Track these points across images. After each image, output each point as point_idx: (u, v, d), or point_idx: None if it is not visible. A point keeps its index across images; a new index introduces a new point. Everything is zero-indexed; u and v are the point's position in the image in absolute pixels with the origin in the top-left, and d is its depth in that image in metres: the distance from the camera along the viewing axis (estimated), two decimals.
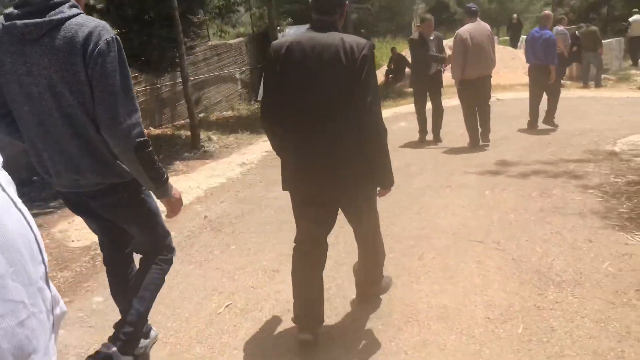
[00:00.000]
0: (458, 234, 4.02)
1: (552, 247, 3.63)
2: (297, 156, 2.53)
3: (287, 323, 2.89)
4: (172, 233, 2.67)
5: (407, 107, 11.03)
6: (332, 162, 2.46)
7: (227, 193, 5.57)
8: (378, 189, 2.66)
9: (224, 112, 10.79)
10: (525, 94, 12.33)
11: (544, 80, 7.85)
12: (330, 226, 2.74)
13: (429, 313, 2.90)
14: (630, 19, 17.88)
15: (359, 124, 2.40)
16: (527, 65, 8.32)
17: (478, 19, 7.14)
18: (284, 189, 2.69)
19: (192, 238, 4.37)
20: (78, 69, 1.95)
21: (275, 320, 3.01)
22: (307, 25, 2.56)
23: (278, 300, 3.20)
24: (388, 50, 17.09)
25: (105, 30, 1.97)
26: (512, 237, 3.88)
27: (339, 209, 2.73)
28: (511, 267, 3.38)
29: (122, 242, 2.52)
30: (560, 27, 13.29)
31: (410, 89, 9.07)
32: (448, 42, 10.26)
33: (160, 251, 2.47)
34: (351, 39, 2.41)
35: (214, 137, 8.72)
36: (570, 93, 12.35)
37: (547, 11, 8.96)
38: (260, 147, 7.90)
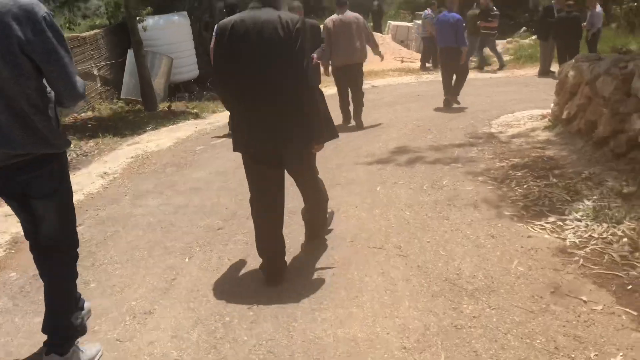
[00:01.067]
0: (356, 240, 3.63)
1: (455, 248, 3.37)
2: (248, 119, 2.93)
3: None
4: (12, 274, 2.05)
5: None
6: (278, 122, 2.88)
7: (86, 213, 4.70)
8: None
9: (82, 114, 9.53)
10: (398, 80, 12.65)
11: (455, 61, 8.19)
12: (279, 186, 3.13)
13: (338, 350, 2.45)
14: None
15: (298, 88, 2.83)
16: (396, 50, 8.45)
17: (347, 9, 7.23)
18: (235, 150, 3.10)
19: (39, 279, 3.52)
20: (12, 41, 2.02)
21: None
22: (170, 14, 2.96)
23: (154, 356, 2.56)
24: None
25: (40, 7, 2.09)
26: (413, 238, 3.58)
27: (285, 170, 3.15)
28: (419, 277, 3.04)
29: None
30: (428, 12, 13.66)
31: None
32: None
33: (70, 247, 2.49)
34: (286, 15, 2.84)
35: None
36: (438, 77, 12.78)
37: None
38: (125, 152, 6.99)
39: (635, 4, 15.80)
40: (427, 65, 13.89)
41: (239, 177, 5.39)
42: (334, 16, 7.27)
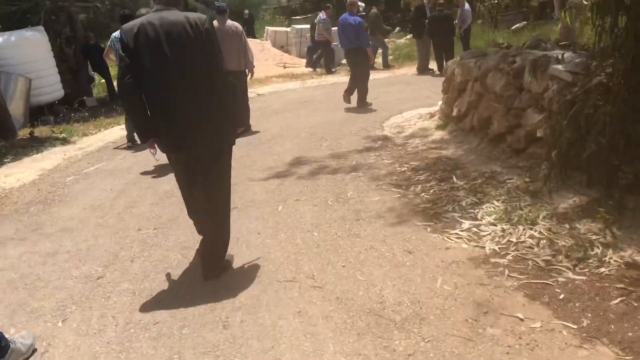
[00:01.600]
0: (263, 274, 3.19)
1: (374, 270, 3.06)
2: (165, 117, 2.93)
3: None
4: None
5: None
6: (191, 116, 2.92)
7: None
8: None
9: None
10: (283, 86, 12.36)
11: (362, 60, 8.29)
12: (205, 175, 3.10)
13: None
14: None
15: (210, 84, 2.91)
16: (277, 56, 8.28)
17: (227, 18, 7.07)
18: (162, 151, 3.11)
19: None
20: None
21: None
22: (23, 30, 2.94)
23: None
24: None
25: None
26: (326, 264, 3.22)
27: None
28: (340, 312, 2.68)
29: None
30: (322, 15, 13.52)
31: None
32: None
33: None
34: (193, 15, 2.90)
35: None
36: (324, 80, 12.69)
37: None
38: None
39: (496, 1, 16.96)
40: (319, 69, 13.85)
41: (117, 209, 4.72)
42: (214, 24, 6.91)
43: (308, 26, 16.17)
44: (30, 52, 10.76)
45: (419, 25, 12.19)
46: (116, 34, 6.50)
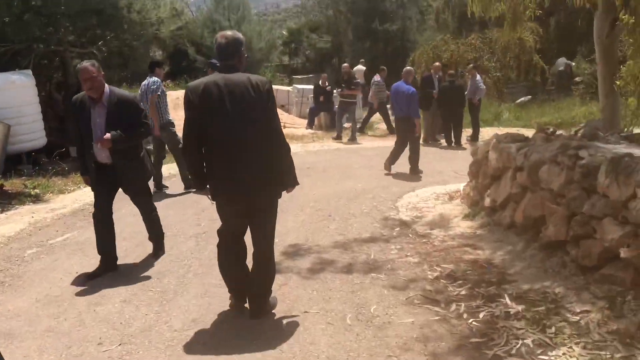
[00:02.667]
0: None
1: None
2: (227, 169, 3.13)
3: None
4: None
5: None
6: (253, 169, 3.12)
7: None
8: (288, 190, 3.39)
9: None
10: None
11: (411, 130, 8.25)
12: (246, 224, 3.39)
13: None
14: (354, 68, 19.19)
15: (270, 141, 3.15)
16: None
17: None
18: (213, 199, 3.30)
19: None
20: None
21: None
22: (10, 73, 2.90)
23: None
24: None
25: None
26: None
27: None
28: None
29: None
30: (377, 78, 13.03)
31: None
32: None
33: None
34: (255, 77, 3.15)
35: None
36: (326, 144, 12.01)
37: (409, 67, 9.40)
38: None
39: (500, 74, 16.73)
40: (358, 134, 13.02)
41: (79, 306, 3.76)
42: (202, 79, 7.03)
43: (311, 87, 15.71)
44: (14, 96, 10.02)
45: (426, 96, 11.65)
46: (155, 79, 6.83)
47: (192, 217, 6.15)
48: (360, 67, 19.19)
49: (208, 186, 3.28)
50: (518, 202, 4.39)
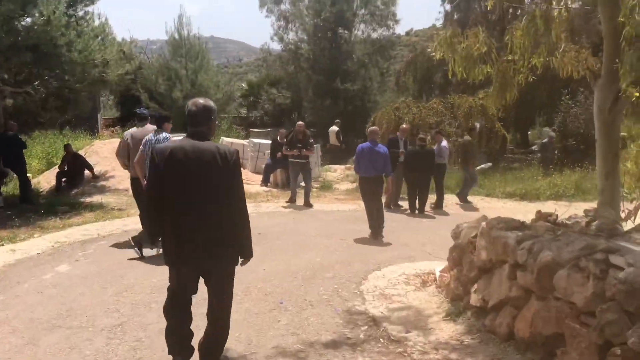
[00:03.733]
0: None
1: None
2: (184, 233, 3.12)
3: None
4: None
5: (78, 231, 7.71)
6: (211, 236, 3.14)
7: None
8: (241, 260, 3.33)
9: None
10: None
11: (380, 190, 8.19)
12: (196, 288, 3.39)
13: None
14: (330, 129, 18.65)
15: (231, 210, 3.15)
16: None
17: (147, 123, 7.02)
18: (166, 263, 3.29)
19: None
20: None
21: None
22: None
23: None
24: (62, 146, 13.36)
25: None
26: None
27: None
28: None
29: None
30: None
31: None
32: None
33: None
34: (223, 147, 3.20)
35: None
36: (281, 205, 11.01)
37: (374, 127, 9.26)
38: None
39: (462, 140, 16.40)
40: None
41: None
42: (134, 129, 7.15)
43: (268, 141, 14.86)
44: None
45: (391, 158, 10.96)
46: (151, 136, 6.24)
47: (110, 299, 4.96)
48: (334, 128, 18.60)
49: (161, 244, 3.33)
50: (519, 308, 3.49)
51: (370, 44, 25.44)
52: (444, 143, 11.15)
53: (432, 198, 11.11)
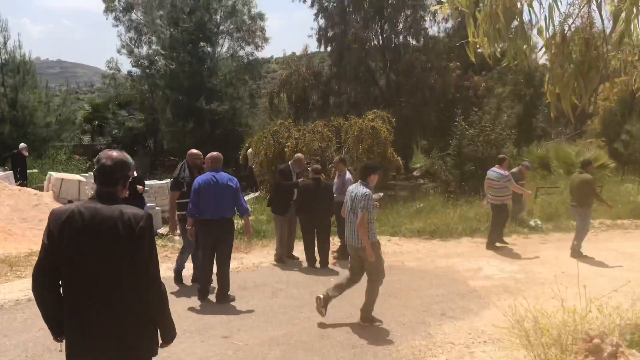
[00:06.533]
0: None
1: None
2: (76, 325, 2.53)
3: None
4: None
5: None
6: (115, 329, 2.50)
7: None
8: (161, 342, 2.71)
9: None
10: None
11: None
12: None
13: None
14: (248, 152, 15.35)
15: (139, 293, 2.51)
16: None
17: None
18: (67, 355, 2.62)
19: None
20: None
21: None
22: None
23: None
24: None
25: None
26: None
27: None
28: None
29: None
30: (500, 170, 9.08)
31: None
32: None
33: None
34: (129, 211, 2.52)
35: None
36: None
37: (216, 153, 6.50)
38: None
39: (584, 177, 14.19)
40: None
41: None
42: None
43: None
44: None
45: (282, 195, 8.21)
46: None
47: None
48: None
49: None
50: None
51: (238, 60, 22.72)
52: (349, 175, 8.65)
53: (335, 244, 8.55)
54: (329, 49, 20.55)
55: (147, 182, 10.50)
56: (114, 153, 2.66)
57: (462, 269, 7.94)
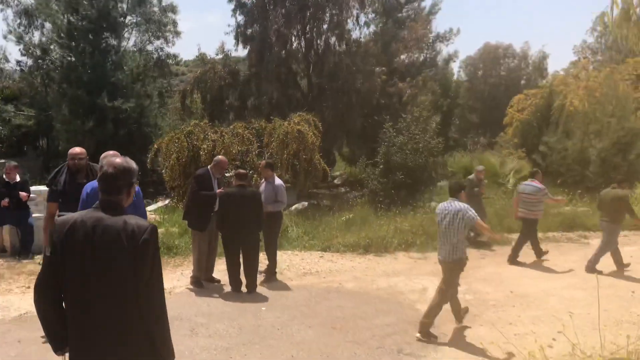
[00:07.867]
0: None
1: None
2: (78, 336, 2.43)
3: None
4: None
5: None
6: (110, 342, 2.40)
7: None
8: None
9: None
10: None
11: None
12: None
13: None
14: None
15: (140, 306, 2.39)
16: None
17: None
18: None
19: None
20: None
21: None
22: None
23: None
24: None
25: None
26: None
27: None
28: None
29: None
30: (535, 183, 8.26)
31: None
32: None
33: None
34: (133, 221, 2.41)
35: None
36: (16, 291, 5.99)
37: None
38: None
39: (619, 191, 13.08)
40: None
41: None
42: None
43: None
44: None
45: (201, 206, 6.89)
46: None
47: None
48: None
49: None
50: None
51: (146, 55, 20.77)
52: (279, 181, 7.51)
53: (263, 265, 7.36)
54: (248, 48, 19.28)
55: (35, 188, 8.71)
56: (117, 160, 2.54)
57: (406, 289, 7.12)
